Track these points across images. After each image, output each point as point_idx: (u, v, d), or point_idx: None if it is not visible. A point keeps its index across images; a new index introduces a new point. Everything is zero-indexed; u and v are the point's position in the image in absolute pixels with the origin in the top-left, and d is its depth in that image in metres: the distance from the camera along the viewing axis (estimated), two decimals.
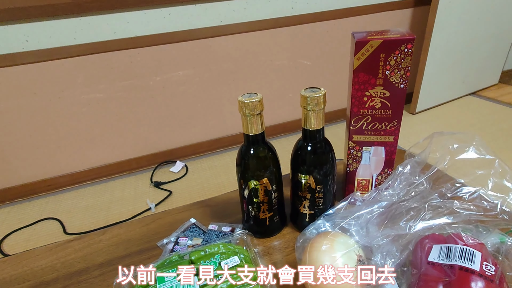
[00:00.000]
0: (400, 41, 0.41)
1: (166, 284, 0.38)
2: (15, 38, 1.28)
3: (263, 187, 0.46)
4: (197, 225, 0.55)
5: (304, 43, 1.72)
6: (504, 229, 0.41)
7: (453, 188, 0.44)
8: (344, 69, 1.88)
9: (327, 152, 0.46)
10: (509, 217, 0.40)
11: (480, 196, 0.42)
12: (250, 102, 0.42)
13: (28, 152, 1.47)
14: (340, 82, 1.89)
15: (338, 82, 1.89)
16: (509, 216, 0.40)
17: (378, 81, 0.44)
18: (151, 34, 1.45)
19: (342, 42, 1.80)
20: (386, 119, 0.47)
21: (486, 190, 0.42)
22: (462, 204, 0.41)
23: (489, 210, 0.40)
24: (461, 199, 0.42)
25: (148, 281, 0.39)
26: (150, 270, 0.40)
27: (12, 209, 1.49)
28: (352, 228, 0.44)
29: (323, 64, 1.81)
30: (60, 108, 1.44)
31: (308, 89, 0.43)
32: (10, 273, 0.49)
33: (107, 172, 1.63)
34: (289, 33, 1.67)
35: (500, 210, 0.40)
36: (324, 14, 1.69)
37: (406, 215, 0.42)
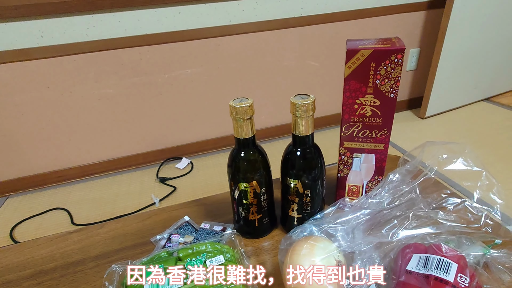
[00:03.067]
0: (390, 51, 0.41)
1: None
2: (31, 33, 1.33)
3: (253, 189, 0.48)
4: (190, 223, 0.57)
5: (313, 44, 1.72)
6: (488, 242, 0.41)
7: (439, 198, 0.44)
8: None
9: (316, 158, 0.47)
10: (492, 230, 0.40)
11: (465, 207, 0.42)
12: (241, 107, 0.43)
13: (40, 144, 1.53)
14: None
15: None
16: (492, 229, 0.40)
17: (368, 89, 0.45)
18: (161, 32, 1.47)
19: None
20: (376, 127, 0.47)
21: (471, 202, 0.42)
22: (446, 215, 0.42)
23: (473, 222, 0.40)
24: (446, 209, 0.42)
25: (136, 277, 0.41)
26: (138, 267, 0.42)
27: (24, 198, 1.55)
28: (338, 233, 0.45)
29: (331, 66, 1.80)
30: (72, 102, 1.48)
31: (298, 95, 0.44)
32: (12, 260, 0.52)
33: (115, 166, 1.67)
34: (298, 33, 1.67)
35: (483, 222, 0.40)
36: (334, 16, 1.68)
37: (390, 223, 0.43)
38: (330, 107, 1.90)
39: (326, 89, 1.86)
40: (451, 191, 0.44)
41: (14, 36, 1.32)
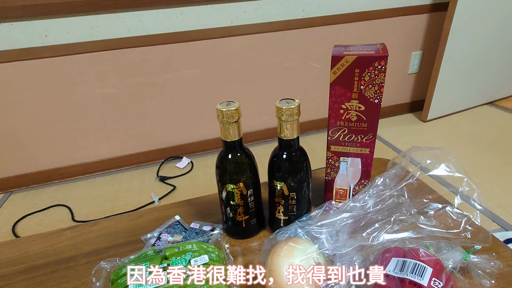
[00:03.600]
0: (373, 58, 0.42)
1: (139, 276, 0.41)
2: (36, 33, 1.36)
3: (239, 191, 0.49)
4: (180, 223, 0.58)
5: (315, 46, 1.72)
6: (468, 247, 0.42)
7: (421, 203, 0.44)
8: None
9: (301, 161, 0.48)
10: (472, 236, 0.40)
11: (446, 213, 0.43)
12: (227, 110, 0.44)
13: (44, 141, 1.56)
14: None
15: None
16: (472, 234, 0.41)
17: (353, 95, 0.45)
18: (164, 32, 1.49)
19: None
20: (362, 132, 0.48)
21: (452, 207, 0.43)
22: (426, 220, 0.42)
23: (453, 228, 0.41)
24: (427, 214, 0.43)
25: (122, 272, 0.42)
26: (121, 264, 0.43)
27: (27, 194, 1.58)
28: (322, 235, 0.46)
29: None
30: (75, 100, 1.51)
31: (284, 100, 0.45)
32: (7, 255, 0.54)
33: (116, 164, 1.69)
34: (299, 35, 1.68)
35: (463, 228, 0.41)
36: (336, 18, 1.69)
37: (372, 227, 0.43)
38: None
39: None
40: (433, 196, 0.44)
41: (20, 35, 1.35)
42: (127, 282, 0.40)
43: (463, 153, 1.62)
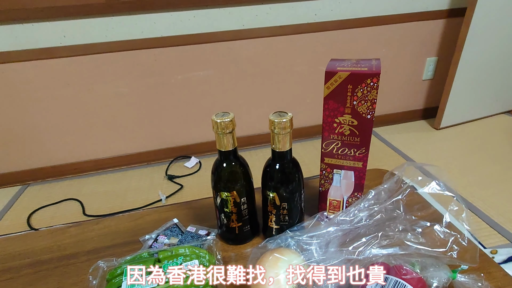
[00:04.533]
0: (366, 75, 0.43)
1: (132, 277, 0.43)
2: (55, 33, 1.42)
3: (233, 198, 0.50)
4: (178, 226, 0.60)
5: (326, 50, 1.72)
6: (455, 266, 0.42)
7: (410, 220, 0.45)
8: None
9: (293, 173, 0.49)
10: (458, 255, 0.40)
11: (434, 231, 0.43)
12: (222, 122, 0.45)
13: (59, 137, 1.62)
14: None
15: None
16: (458, 254, 0.41)
17: (346, 110, 0.46)
18: (176, 35, 1.52)
19: (366, 51, 1.77)
20: (354, 146, 0.48)
21: (441, 226, 0.43)
22: (414, 237, 0.43)
23: (439, 246, 0.41)
24: (414, 231, 0.43)
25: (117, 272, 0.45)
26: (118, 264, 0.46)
27: (42, 187, 1.65)
28: (312, 246, 0.47)
29: None
30: (89, 99, 1.56)
31: (277, 113, 0.46)
32: (15, 249, 0.57)
33: (127, 162, 1.74)
34: (311, 39, 1.68)
35: (449, 247, 0.41)
36: (348, 22, 1.68)
37: (358, 241, 0.44)
38: None
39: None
40: (423, 213, 0.44)
41: (40, 36, 1.41)
42: (128, 282, 0.42)
43: (475, 163, 1.58)
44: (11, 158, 1.61)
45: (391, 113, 2.01)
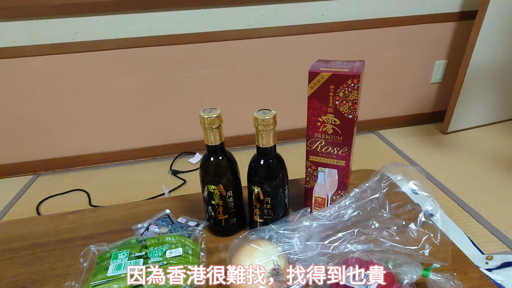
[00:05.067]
0: (346, 76, 0.44)
1: (118, 261, 0.46)
2: (68, 30, 1.47)
3: (219, 192, 0.52)
4: (169, 216, 0.63)
5: (333, 51, 1.72)
6: (428, 265, 0.43)
7: (386, 218, 0.46)
8: (373, 80, 1.84)
9: (277, 169, 0.50)
10: (430, 254, 0.41)
11: (408, 229, 0.44)
12: (208, 117, 0.48)
13: (69, 130, 1.68)
14: (368, 93, 1.86)
15: (366, 93, 1.86)
16: (430, 252, 0.42)
17: (329, 109, 0.48)
18: (184, 33, 1.55)
19: (373, 52, 1.76)
20: (337, 145, 0.50)
21: (416, 225, 0.44)
22: (388, 235, 0.44)
23: (412, 244, 0.42)
24: (390, 229, 0.44)
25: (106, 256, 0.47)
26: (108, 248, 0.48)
27: (52, 177, 1.72)
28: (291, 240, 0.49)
29: None
30: (99, 94, 1.62)
31: (261, 110, 0.48)
32: (16, 232, 0.61)
33: (134, 155, 1.79)
34: (317, 40, 1.68)
35: (421, 246, 0.42)
36: (355, 23, 1.67)
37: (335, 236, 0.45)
38: None
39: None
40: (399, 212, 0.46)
41: (54, 32, 1.46)
42: (114, 264, 0.45)
43: (480, 169, 1.56)
44: (24, 148, 1.68)
45: (398, 115, 1.99)
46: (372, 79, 1.83)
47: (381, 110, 1.95)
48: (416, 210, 0.44)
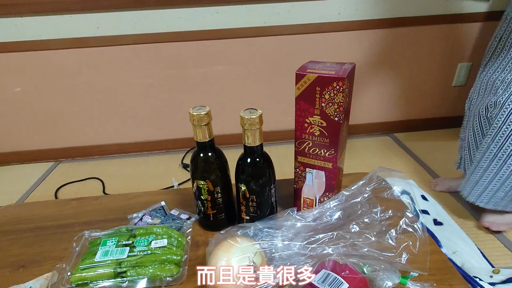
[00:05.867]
0: (332, 78, 0.44)
1: (106, 248, 0.49)
2: (89, 24, 1.53)
3: (207, 187, 0.54)
4: (164, 208, 0.65)
5: (349, 50, 1.69)
6: (406, 272, 0.42)
7: (367, 223, 0.45)
8: (390, 81, 1.79)
9: (263, 167, 0.51)
10: (407, 262, 0.41)
11: (389, 236, 0.43)
12: (197, 114, 0.49)
13: (88, 121, 1.76)
14: (384, 95, 1.81)
15: (381, 94, 1.81)
16: (408, 261, 0.41)
17: (316, 111, 0.47)
18: (199, 30, 1.58)
19: (391, 52, 1.71)
20: (324, 147, 0.50)
21: (396, 231, 0.43)
22: (367, 240, 0.43)
23: (390, 251, 0.42)
24: (369, 234, 0.44)
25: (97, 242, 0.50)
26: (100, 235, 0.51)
27: (72, 165, 1.81)
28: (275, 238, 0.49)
29: (366, 74, 1.75)
30: (117, 87, 1.68)
31: (248, 110, 0.48)
32: (22, 214, 0.65)
33: (148, 148, 1.85)
34: (333, 39, 1.65)
35: (398, 253, 0.41)
36: (373, 22, 1.63)
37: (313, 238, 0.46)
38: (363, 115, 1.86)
39: (363, 97, 1.82)
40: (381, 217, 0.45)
41: (76, 26, 1.53)
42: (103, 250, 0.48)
43: None
44: (47, 136, 1.78)
45: (415, 118, 1.93)
46: (389, 80, 1.78)
47: (397, 112, 1.89)
48: (398, 217, 0.43)
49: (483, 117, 1.01)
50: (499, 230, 1.12)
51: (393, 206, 0.44)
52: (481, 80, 1.11)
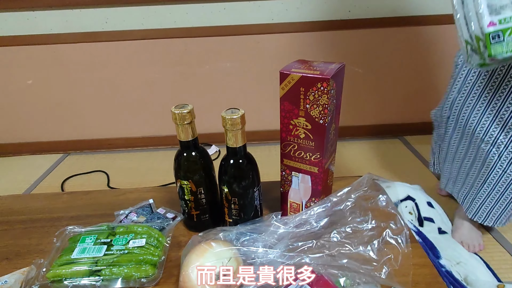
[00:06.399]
0: (315, 79, 0.42)
1: (84, 245, 0.48)
2: (98, 19, 1.55)
3: (189, 187, 0.53)
4: (151, 206, 0.65)
5: (358, 49, 1.64)
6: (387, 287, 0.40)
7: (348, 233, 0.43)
8: (400, 82, 1.73)
9: (246, 169, 0.49)
10: (387, 277, 0.38)
11: (371, 248, 0.41)
12: (179, 113, 0.48)
13: (97, 114, 1.78)
14: (393, 96, 1.75)
15: (390, 96, 1.76)
16: (388, 275, 0.38)
17: (300, 112, 0.45)
18: (206, 26, 1.57)
19: (401, 52, 1.65)
20: (310, 150, 0.48)
21: (379, 243, 0.41)
22: (347, 251, 0.41)
23: (370, 264, 0.39)
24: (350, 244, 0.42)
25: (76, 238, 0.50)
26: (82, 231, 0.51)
27: (80, 157, 1.84)
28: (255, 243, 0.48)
29: (375, 73, 1.70)
30: (124, 82, 1.69)
31: (230, 109, 0.47)
32: (15, 206, 0.66)
33: (154, 143, 1.86)
34: (342, 37, 1.61)
35: (379, 266, 0.39)
36: (385, 20, 1.58)
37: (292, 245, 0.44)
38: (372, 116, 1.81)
39: (372, 97, 1.77)
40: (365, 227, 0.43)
41: (86, 20, 1.55)
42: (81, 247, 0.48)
43: None
44: (57, 128, 1.82)
45: (426, 121, 1.86)
46: (400, 81, 1.73)
47: (407, 114, 1.83)
48: (382, 227, 0.41)
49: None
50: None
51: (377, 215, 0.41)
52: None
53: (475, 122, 0.86)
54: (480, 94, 0.85)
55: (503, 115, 0.81)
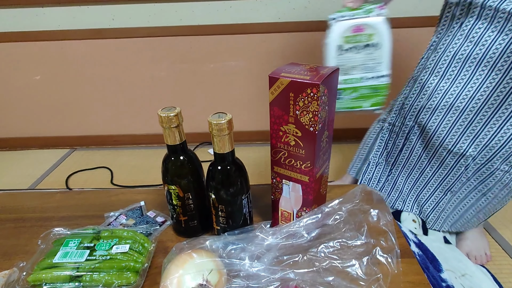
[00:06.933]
0: (305, 84, 0.39)
1: (67, 249, 0.48)
2: (105, 16, 1.55)
3: (176, 192, 0.51)
4: (141, 209, 0.64)
5: None
6: None
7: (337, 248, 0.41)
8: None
9: (234, 176, 0.48)
10: None
11: (359, 265, 0.38)
12: (166, 116, 0.46)
13: (103, 111, 1.79)
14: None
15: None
16: None
17: (290, 118, 0.43)
18: (212, 24, 1.55)
19: (412, 52, 1.60)
20: (300, 158, 0.45)
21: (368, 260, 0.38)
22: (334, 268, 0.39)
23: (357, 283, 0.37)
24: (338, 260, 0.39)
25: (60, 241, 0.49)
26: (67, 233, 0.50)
27: (85, 153, 1.86)
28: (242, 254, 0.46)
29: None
30: (130, 79, 1.69)
31: (217, 114, 0.45)
32: (9, 204, 0.66)
33: (158, 140, 1.86)
34: None
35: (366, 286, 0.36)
36: (395, 21, 1.53)
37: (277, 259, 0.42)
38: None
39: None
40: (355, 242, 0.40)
41: (93, 17, 1.56)
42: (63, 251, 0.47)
43: None
44: (63, 123, 1.84)
45: None
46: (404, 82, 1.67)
47: None
48: (371, 244, 0.38)
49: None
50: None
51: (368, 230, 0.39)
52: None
53: (444, 133, 0.87)
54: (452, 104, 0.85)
55: (475, 127, 0.82)
